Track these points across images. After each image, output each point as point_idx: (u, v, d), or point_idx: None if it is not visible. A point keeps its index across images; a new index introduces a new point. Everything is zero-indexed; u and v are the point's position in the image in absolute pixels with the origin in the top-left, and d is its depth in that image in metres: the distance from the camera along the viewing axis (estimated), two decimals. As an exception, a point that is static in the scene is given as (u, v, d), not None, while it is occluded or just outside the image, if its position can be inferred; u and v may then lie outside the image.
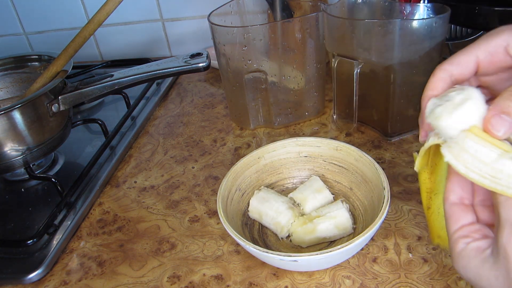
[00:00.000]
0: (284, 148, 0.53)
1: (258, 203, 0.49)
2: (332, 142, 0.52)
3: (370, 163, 0.48)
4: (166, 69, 0.58)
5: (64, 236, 0.52)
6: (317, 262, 0.40)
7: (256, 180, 0.53)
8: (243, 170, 0.51)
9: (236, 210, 0.48)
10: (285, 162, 0.54)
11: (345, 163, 0.52)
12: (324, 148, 0.53)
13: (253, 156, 0.51)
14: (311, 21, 0.61)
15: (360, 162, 0.50)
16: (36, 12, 1.02)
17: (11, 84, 0.68)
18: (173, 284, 0.45)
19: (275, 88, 0.65)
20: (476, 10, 0.53)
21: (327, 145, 0.53)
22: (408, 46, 0.54)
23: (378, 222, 0.40)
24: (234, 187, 0.49)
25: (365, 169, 0.49)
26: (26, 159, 0.57)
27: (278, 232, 0.48)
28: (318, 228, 0.46)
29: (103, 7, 0.53)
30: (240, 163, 0.50)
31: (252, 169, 0.52)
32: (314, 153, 0.54)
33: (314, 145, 0.53)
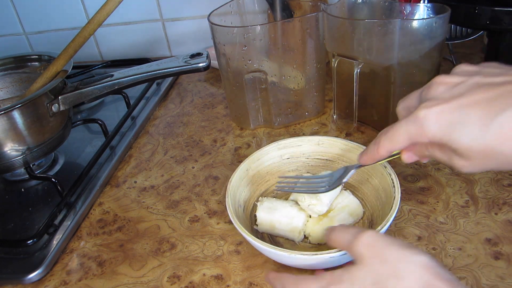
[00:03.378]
0: (267, 155, 0.53)
1: (267, 213, 0.47)
2: (313, 138, 0.53)
3: (358, 148, 0.50)
4: (166, 69, 0.58)
5: (64, 236, 0.52)
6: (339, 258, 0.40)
7: (250, 193, 0.51)
8: (238, 185, 0.49)
9: (245, 226, 0.45)
10: (270, 168, 0.53)
11: (329, 155, 0.53)
12: (306, 146, 0.53)
13: (242, 169, 0.50)
14: (311, 21, 0.61)
15: (346, 151, 0.52)
16: (36, 12, 1.02)
17: (11, 84, 0.68)
18: (173, 284, 0.45)
19: (275, 88, 0.65)
20: (476, 10, 0.53)
21: (308, 142, 0.53)
22: (408, 46, 0.54)
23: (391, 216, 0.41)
24: (236, 204, 0.48)
25: (352, 155, 0.51)
26: (26, 159, 0.57)
27: (294, 238, 0.47)
28: (335, 220, 0.46)
29: (103, 7, 0.53)
30: (234, 178, 0.48)
31: (244, 182, 0.50)
32: (296, 153, 0.53)
33: (295, 144, 0.53)
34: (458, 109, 0.31)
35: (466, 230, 0.47)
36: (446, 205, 0.50)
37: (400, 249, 0.32)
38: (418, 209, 0.50)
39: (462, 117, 0.30)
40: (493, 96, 0.30)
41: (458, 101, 0.31)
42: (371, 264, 0.32)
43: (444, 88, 0.33)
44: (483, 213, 0.48)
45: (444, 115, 0.31)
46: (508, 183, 0.52)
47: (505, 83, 0.30)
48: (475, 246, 0.45)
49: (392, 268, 0.31)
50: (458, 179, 0.53)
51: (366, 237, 0.34)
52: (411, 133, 0.33)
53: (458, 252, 0.44)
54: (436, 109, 0.31)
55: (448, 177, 0.54)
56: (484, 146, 0.30)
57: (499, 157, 0.30)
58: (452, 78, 0.33)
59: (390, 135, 0.35)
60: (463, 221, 0.48)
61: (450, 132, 0.31)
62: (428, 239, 0.46)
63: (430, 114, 0.31)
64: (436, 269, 0.31)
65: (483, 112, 0.30)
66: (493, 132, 0.29)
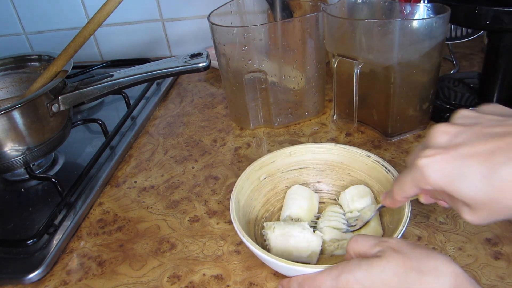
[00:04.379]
0: (248, 180, 0.50)
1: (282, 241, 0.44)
2: (285, 151, 0.52)
3: (329, 149, 0.52)
4: (166, 69, 0.58)
5: (64, 236, 0.52)
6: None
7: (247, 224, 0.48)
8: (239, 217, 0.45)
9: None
10: (253, 195, 0.50)
11: (303, 163, 0.53)
12: (279, 161, 0.52)
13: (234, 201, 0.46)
14: (311, 21, 0.61)
15: (318, 154, 0.52)
16: (36, 12, 1.02)
17: (11, 84, 0.68)
18: (173, 284, 0.45)
19: (275, 88, 0.65)
20: (476, 10, 0.53)
21: (280, 156, 0.52)
22: (408, 46, 0.54)
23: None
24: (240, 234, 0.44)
25: (326, 157, 0.52)
26: (26, 159, 0.57)
27: (312, 261, 0.45)
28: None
29: (103, 7, 0.53)
30: (232, 208, 0.45)
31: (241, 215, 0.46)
32: (271, 171, 0.52)
33: (269, 162, 0.52)
34: (459, 159, 0.31)
35: (466, 230, 0.47)
36: (446, 205, 0.50)
37: (426, 250, 0.33)
38: (418, 209, 0.50)
39: (462, 168, 0.30)
40: (493, 148, 0.30)
41: (458, 151, 0.31)
42: (393, 258, 0.33)
43: (444, 137, 0.33)
44: (483, 213, 0.48)
45: (445, 165, 0.31)
46: (508, 183, 0.52)
47: (505, 134, 0.30)
48: (475, 246, 0.45)
49: (415, 263, 0.32)
50: (458, 179, 0.53)
51: (392, 241, 0.34)
52: (416, 181, 0.34)
53: (458, 252, 0.44)
54: (436, 158, 0.32)
55: (448, 177, 0.54)
56: (488, 199, 0.30)
57: (504, 210, 0.30)
58: (452, 127, 0.33)
59: (400, 184, 0.36)
60: (463, 221, 0.48)
61: (452, 182, 0.31)
62: (428, 239, 0.46)
63: (430, 163, 0.32)
64: (459, 269, 0.31)
65: (484, 165, 0.30)
66: (495, 185, 0.29)
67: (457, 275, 0.31)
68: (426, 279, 0.31)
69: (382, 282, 0.32)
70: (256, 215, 0.50)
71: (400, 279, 0.31)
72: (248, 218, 0.48)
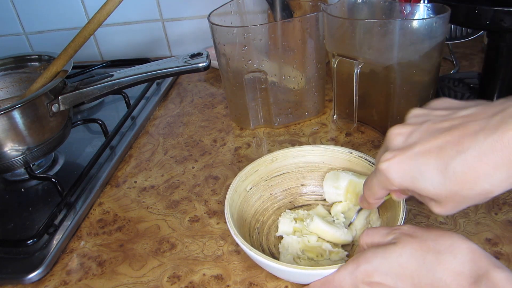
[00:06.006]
0: (236, 192, 0.48)
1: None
2: (267, 158, 0.51)
3: (310, 151, 0.52)
4: (166, 69, 0.58)
5: (64, 236, 0.52)
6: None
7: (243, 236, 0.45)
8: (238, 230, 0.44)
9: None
10: (243, 207, 0.49)
11: (285, 168, 0.53)
12: (262, 169, 0.51)
13: (229, 216, 0.44)
14: (311, 21, 0.61)
15: (300, 157, 0.52)
16: (36, 12, 1.02)
17: (11, 84, 0.68)
18: (173, 284, 0.45)
19: (275, 88, 0.65)
20: (476, 10, 0.53)
21: (263, 164, 0.51)
22: (408, 46, 0.54)
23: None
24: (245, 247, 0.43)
25: (310, 158, 0.52)
26: (26, 159, 0.57)
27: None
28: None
29: (103, 7, 0.53)
30: (230, 224, 0.44)
31: (238, 228, 0.45)
32: (256, 180, 0.51)
33: (253, 171, 0.51)
34: (414, 158, 0.32)
35: (466, 230, 0.47)
36: (446, 205, 0.50)
37: (439, 230, 0.33)
38: (418, 209, 0.50)
39: (419, 166, 0.31)
40: (443, 143, 0.30)
41: (413, 150, 0.32)
42: (408, 242, 0.33)
43: (400, 139, 0.34)
44: (483, 213, 0.48)
45: (403, 165, 0.32)
46: (508, 183, 0.52)
47: (452, 127, 0.31)
48: (475, 246, 0.45)
49: (432, 244, 0.32)
50: (458, 179, 0.53)
51: (405, 227, 0.35)
52: (382, 184, 0.35)
53: (458, 252, 0.44)
54: (394, 160, 0.33)
55: (448, 177, 0.54)
56: (448, 192, 0.30)
57: (466, 199, 0.31)
58: (405, 127, 0.34)
59: (368, 188, 0.38)
60: (463, 221, 0.48)
61: (413, 181, 0.32)
62: (428, 239, 0.46)
63: (390, 165, 0.33)
64: (475, 245, 0.31)
65: (437, 160, 0.30)
66: (450, 179, 0.30)
67: (473, 250, 0.31)
68: (443, 258, 0.31)
69: (401, 267, 0.32)
70: (248, 227, 0.49)
71: (418, 262, 0.32)
72: (243, 230, 0.47)
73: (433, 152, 0.31)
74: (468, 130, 0.30)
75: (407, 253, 0.32)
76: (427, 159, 0.31)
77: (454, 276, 0.30)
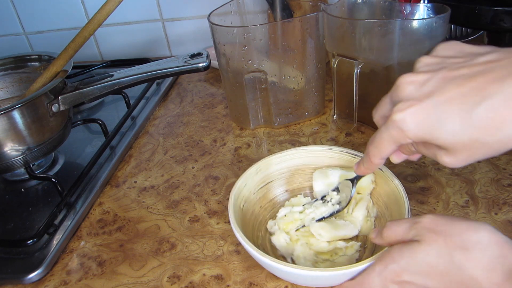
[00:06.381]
0: (235, 212, 0.45)
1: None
2: (252, 170, 0.50)
3: (292, 155, 0.52)
4: (166, 69, 0.58)
5: (64, 236, 0.52)
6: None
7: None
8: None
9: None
10: (243, 227, 0.45)
11: (269, 177, 0.52)
12: (249, 183, 0.49)
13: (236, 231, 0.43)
14: (311, 21, 0.61)
15: (281, 163, 0.52)
16: (36, 12, 1.02)
17: (11, 84, 0.68)
18: (173, 284, 0.45)
19: (275, 88, 0.65)
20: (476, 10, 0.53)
21: (249, 177, 0.49)
22: (408, 46, 0.54)
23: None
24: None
25: (291, 162, 0.52)
26: (26, 159, 0.57)
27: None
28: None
29: (103, 7, 0.53)
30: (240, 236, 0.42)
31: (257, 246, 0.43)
32: (246, 195, 0.49)
33: (243, 186, 0.49)
34: (433, 107, 0.31)
35: (466, 230, 0.47)
36: (446, 205, 0.50)
37: (463, 222, 0.32)
38: (418, 209, 0.50)
39: (440, 114, 0.31)
40: (466, 91, 0.30)
41: (432, 99, 0.31)
42: (435, 240, 0.32)
43: (412, 88, 0.32)
44: (483, 213, 0.48)
45: (420, 114, 0.31)
46: (508, 183, 0.52)
47: (474, 74, 0.30)
48: (475, 246, 0.45)
49: (458, 240, 0.31)
50: (458, 179, 0.53)
51: (426, 220, 0.34)
52: (394, 138, 0.33)
53: (458, 252, 0.44)
54: (410, 110, 0.32)
55: (448, 177, 0.54)
56: (468, 139, 0.30)
57: (484, 148, 0.30)
58: (417, 76, 0.33)
59: (376, 143, 0.36)
60: (463, 221, 0.48)
61: (431, 131, 0.31)
62: (428, 239, 0.46)
63: (406, 116, 0.32)
64: (503, 238, 0.31)
65: (460, 108, 0.30)
66: (473, 125, 0.29)
67: (502, 244, 0.30)
68: (472, 255, 0.30)
69: (429, 266, 0.32)
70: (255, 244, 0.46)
71: (446, 260, 0.31)
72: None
73: (456, 99, 0.30)
74: (494, 76, 0.29)
75: (434, 252, 0.32)
76: (448, 106, 0.30)
77: (485, 273, 0.30)
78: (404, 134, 0.32)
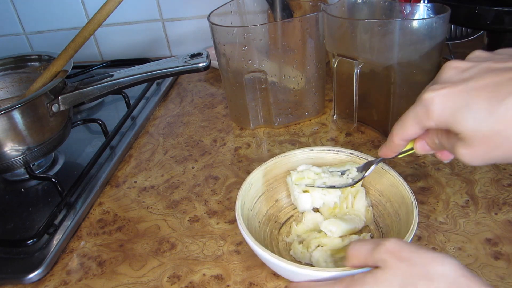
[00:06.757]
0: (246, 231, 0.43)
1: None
2: (245, 186, 0.48)
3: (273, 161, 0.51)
4: (166, 69, 0.58)
5: (64, 236, 0.52)
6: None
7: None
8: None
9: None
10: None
11: (259, 191, 0.50)
12: (246, 200, 0.48)
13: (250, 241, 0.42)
14: (311, 21, 0.61)
15: (267, 176, 0.51)
16: (36, 12, 1.02)
17: (11, 84, 0.68)
18: (173, 284, 0.45)
19: (275, 88, 0.65)
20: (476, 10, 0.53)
21: (246, 195, 0.48)
22: (408, 46, 0.54)
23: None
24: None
25: (274, 173, 0.51)
26: (26, 159, 0.57)
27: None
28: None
29: (103, 7, 0.53)
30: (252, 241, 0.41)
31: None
32: (246, 213, 0.47)
33: (242, 205, 0.46)
34: (465, 92, 0.30)
35: (466, 230, 0.47)
36: (446, 205, 0.50)
37: (428, 252, 0.31)
38: (418, 209, 0.50)
39: (468, 100, 0.30)
40: (502, 81, 0.29)
41: (466, 84, 0.31)
42: (398, 267, 0.31)
43: (454, 72, 0.33)
44: (483, 213, 0.48)
45: (450, 97, 0.31)
46: (508, 183, 0.52)
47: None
48: (475, 246, 0.45)
49: (423, 269, 0.31)
50: (458, 179, 0.53)
51: (390, 244, 0.33)
52: (418, 116, 0.33)
53: (458, 252, 0.44)
54: (442, 91, 0.31)
55: (448, 177, 0.54)
56: (489, 130, 0.29)
57: (504, 142, 0.29)
58: (463, 63, 0.33)
59: (400, 121, 0.36)
60: (463, 221, 0.48)
61: (454, 115, 0.31)
62: (428, 239, 0.46)
63: (436, 96, 0.32)
64: (467, 272, 0.30)
65: (490, 96, 0.29)
66: (499, 115, 0.29)
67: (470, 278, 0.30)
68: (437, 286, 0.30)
69: None
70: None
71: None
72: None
73: (488, 88, 0.30)
74: None
75: (398, 281, 0.31)
76: (479, 94, 0.30)
77: None
78: (429, 115, 0.32)
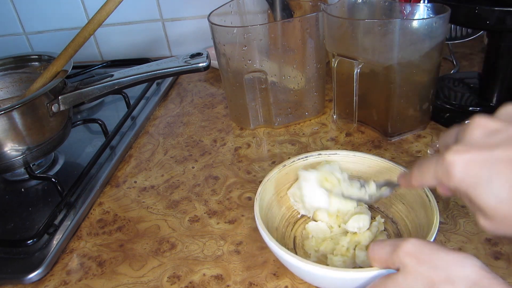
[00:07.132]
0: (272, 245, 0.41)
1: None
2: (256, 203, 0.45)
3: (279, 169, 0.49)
4: (166, 69, 0.58)
5: (64, 236, 0.52)
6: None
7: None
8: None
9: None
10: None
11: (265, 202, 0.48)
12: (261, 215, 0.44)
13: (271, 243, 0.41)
14: (311, 21, 0.61)
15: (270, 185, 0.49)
16: (36, 12, 1.02)
17: (11, 84, 0.68)
18: (173, 284, 0.45)
19: (275, 88, 0.65)
20: (476, 10, 0.53)
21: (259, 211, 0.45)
22: (408, 46, 0.54)
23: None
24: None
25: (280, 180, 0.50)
26: (26, 159, 0.57)
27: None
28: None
29: (103, 7, 0.53)
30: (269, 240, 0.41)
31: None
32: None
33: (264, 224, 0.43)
34: (490, 163, 0.28)
35: (466, 230, 0.47)
36: (446, 205, 0.50)
37: (449, 253, 0.30)
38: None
39: (491, 173, 0.28)
40: None
41: (492, 153, 0.28)
42: (419, 271, 0.30)
43: (481, 133, 0.30)
44: (483, 213, 0.48)
45: (473, 166, 0.29)
46: (508, 183, 0.52)
47: None
48: (475, 246, 0.45)
49: (443, 273, 0.30)
50: (458, 179, 0.53)
51: (409, 245, 0.32)
52: (438, 175, 0.31)
53: (458, 252, 0.44)
54: (465, 156, 0.29)
55: (448, 177, 0.54)
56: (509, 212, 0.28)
57: None
58: (492, 122, 0.30)
59: (421, 170, 0.34)
60: (463, 221, 0.48)
61: (476, 188, 0.29)
62: (428, 239, 0.46)
63: (458, 160, 0.29)
64: (488, 273, 0.29)
65: None
66: None
67: (489, 277, 0.29)
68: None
69: None
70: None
71: None
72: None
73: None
74: None
75: (419, 287, 0.30)
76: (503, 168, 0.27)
77: None
78: (449, 178, 0.30)
